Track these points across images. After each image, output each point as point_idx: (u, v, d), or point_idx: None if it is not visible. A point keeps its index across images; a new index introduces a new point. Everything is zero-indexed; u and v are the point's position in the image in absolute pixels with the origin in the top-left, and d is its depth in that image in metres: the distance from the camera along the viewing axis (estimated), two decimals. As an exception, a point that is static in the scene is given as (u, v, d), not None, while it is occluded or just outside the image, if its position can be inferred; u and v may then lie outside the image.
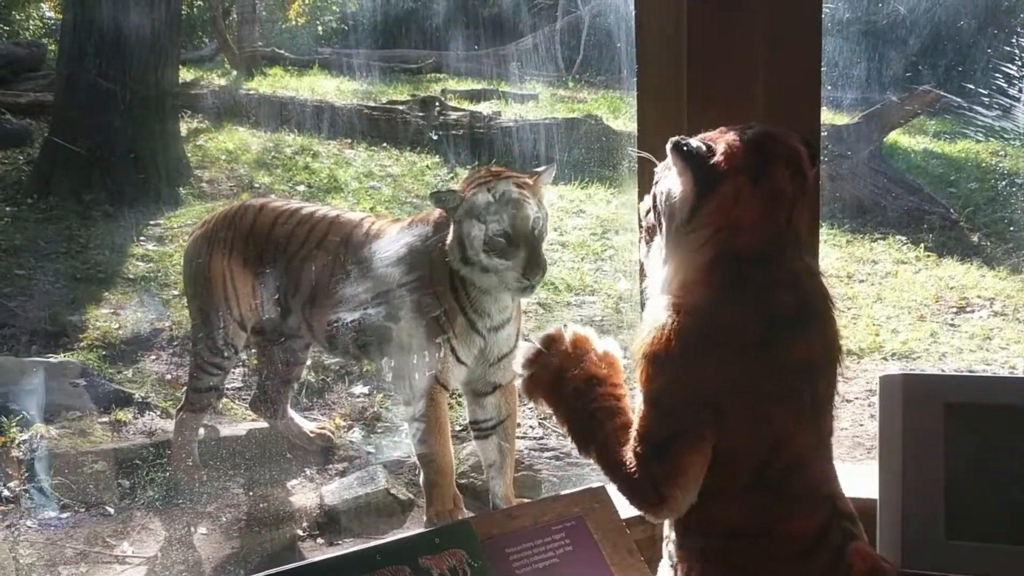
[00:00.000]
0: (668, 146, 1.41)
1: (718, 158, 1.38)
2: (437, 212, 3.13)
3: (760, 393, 1.36)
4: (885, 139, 8.15)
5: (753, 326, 1.35)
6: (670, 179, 1.43)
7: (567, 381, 1.52)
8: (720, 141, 1.41)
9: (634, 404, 1.48)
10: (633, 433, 1.44)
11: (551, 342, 1.57)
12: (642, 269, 1.65)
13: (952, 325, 5.79)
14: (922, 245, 6.97)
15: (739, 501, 1.39)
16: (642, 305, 1.63)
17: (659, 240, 1.47)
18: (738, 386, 1.36)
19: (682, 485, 1.38)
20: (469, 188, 3.01)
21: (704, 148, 1.39)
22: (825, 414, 1.44)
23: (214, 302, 3.69)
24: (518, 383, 1.61)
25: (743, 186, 1.36)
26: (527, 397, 1.59)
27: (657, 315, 1.40)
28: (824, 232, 6.81)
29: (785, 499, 1.39)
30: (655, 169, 1.52)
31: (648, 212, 1.54)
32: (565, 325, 1.59)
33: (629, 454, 1.42)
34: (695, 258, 1.39)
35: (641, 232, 1.59)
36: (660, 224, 1.46)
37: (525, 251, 2.86)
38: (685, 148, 1.39)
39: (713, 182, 1.37)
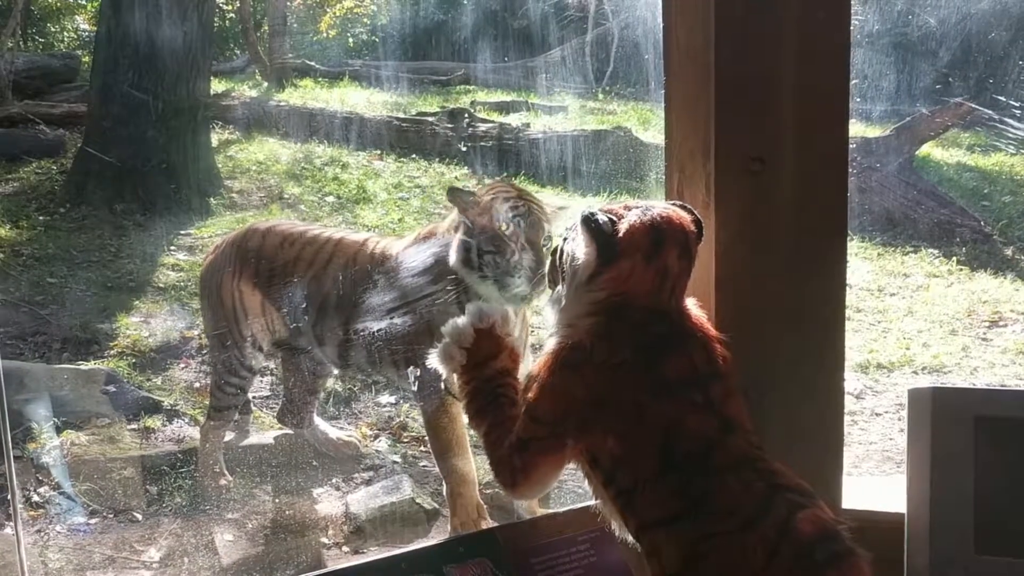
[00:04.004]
0: (579, 219, 1.62)
1: (620, 236, 1.59)
2: (435, 228, 3.24)
3: (638, 397, 1.55)
4: (917, 152, 8.07)
5: (626, 351, 1.57)
6: (577, 244, 1.64)
7: (488, 366, 1.73)
8: (624, 220, 1.61)
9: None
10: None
11: (483, 333, 1.75)
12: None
13: (984, 339, 5.72)
14: (954, 258, 6.89)
15: (659, 487, 1.53)
16: None
17: (559, 290, 1.70)
18: (614, 397, 1.56)
19: (529, 478, 1.65)
20: (488, 193, 3.13)
21: (609, 225, 1.60)
22: (727, 406, 1.58)
23: (226, 324, 3.78)
24: (443, 362, 1.76)
25: (638, 263, 1.59)
26: (447, 369, 1.77)
27: (549, 347, 1.66)
28: (855, 245, 6.77)
29: (707, 473, 1.51)
30: (564, 227, 1.74)
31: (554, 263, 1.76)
32: (491, 315, 1.76)
33: (507, 441, 1.66)
34: (589, 310, 1.61)
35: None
36: (562, 279, 1.69)
37: (531, 259, 2.99)
38: (594, 224, 1.59)
39: (613, 256, 1.59)
